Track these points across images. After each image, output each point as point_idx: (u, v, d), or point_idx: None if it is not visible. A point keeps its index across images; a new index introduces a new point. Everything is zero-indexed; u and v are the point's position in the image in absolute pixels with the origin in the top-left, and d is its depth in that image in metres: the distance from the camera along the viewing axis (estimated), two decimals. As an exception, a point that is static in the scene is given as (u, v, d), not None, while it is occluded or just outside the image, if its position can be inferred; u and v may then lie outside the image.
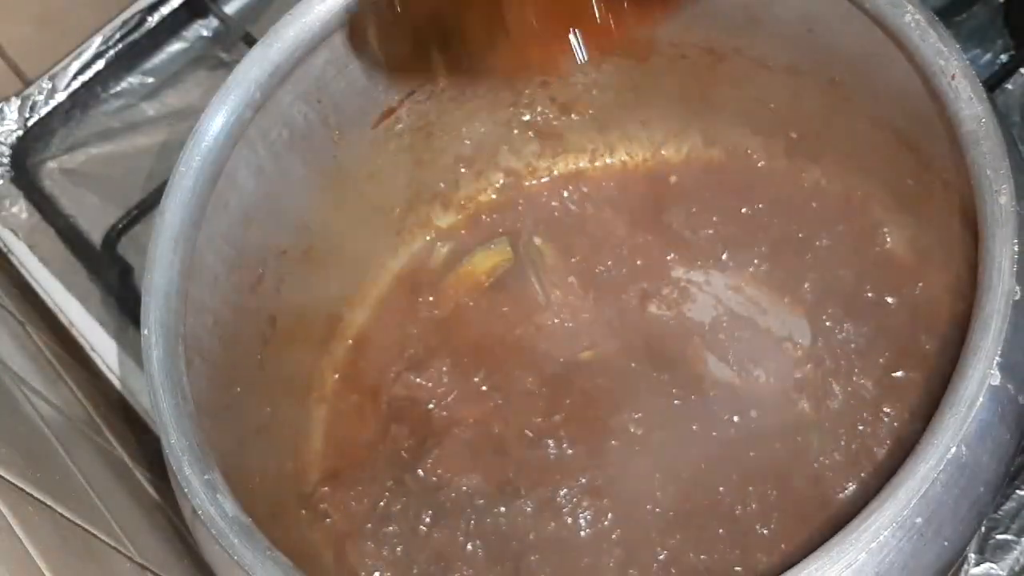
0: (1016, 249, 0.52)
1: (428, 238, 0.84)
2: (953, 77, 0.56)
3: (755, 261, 0.77)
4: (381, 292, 0.83)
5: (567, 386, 0.76)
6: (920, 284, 0.73)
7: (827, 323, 0.73)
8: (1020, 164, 0.56)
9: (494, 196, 0.85)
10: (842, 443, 0.70)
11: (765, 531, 0.68)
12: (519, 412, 0.75)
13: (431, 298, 0.81)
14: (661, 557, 0.69)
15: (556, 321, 0.79)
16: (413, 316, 0.81)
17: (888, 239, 0.75)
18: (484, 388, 0.76)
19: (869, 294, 0.74)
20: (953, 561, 0.53)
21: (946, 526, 0.51)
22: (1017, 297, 0.52)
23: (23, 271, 0.93)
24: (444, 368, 0.77)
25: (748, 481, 0.69)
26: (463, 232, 0.84)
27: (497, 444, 0.74)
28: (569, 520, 0.71)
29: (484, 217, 0.84)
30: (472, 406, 0.76)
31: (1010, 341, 0.51)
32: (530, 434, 0.74)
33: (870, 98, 0.69)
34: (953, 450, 0.50)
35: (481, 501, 0.72)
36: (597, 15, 0.56)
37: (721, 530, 0.68)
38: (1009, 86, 0.83)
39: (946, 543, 0.51)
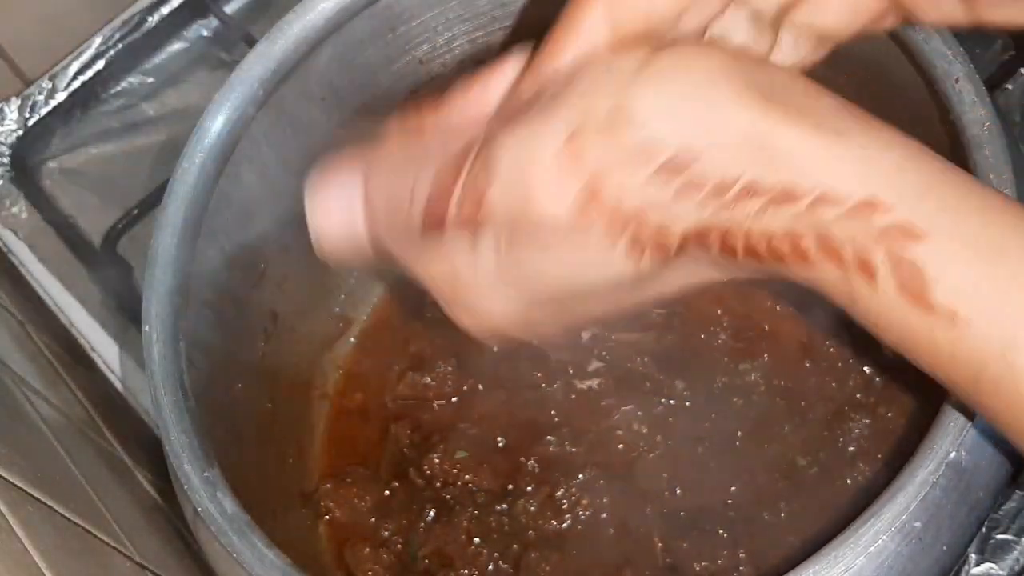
0: (1018, 253, 0.52)
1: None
2: (957, 80, 0.56)
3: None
4: (385, 289, 0.83)
5: (572, 383, 0.76)
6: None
7: (825, 325, 0.73)
8: (1022, 168, 0.56)
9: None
10: (840, 445, 0.70)
11: (766, 537, 0.68)
12: (523, 409, 0.75)
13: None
14: (661, 563, 0.69)
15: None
16: (418, 313, 0.81)
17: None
18: (488, 386, 0.76)
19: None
20: (952, 565, 0.53)
21: (945, 531, 0.51)
22: (1019, 301, 0.52)
23: (23, 271, 0.93)
24: (449, 368, 0.77)
25: (751, 482, 0.70)
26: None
27: (500, 441, 0.74)
28: (569, 518, 0.71)
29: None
30: (476, 404, 0.76)
31: (1011, 344, 0.51)
32: (533, 431, 0.74)
33: (873, 101, 0.68)
34: (952, 454, 0.50)
35: (483, 499, 0.72)
36: None
37: (723, 532, 0.68)
38: (1009, 86, 0.83)
39: (945, 547, 0.51)
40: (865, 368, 0.72)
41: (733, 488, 0.70)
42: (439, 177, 0.45)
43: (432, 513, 0.72)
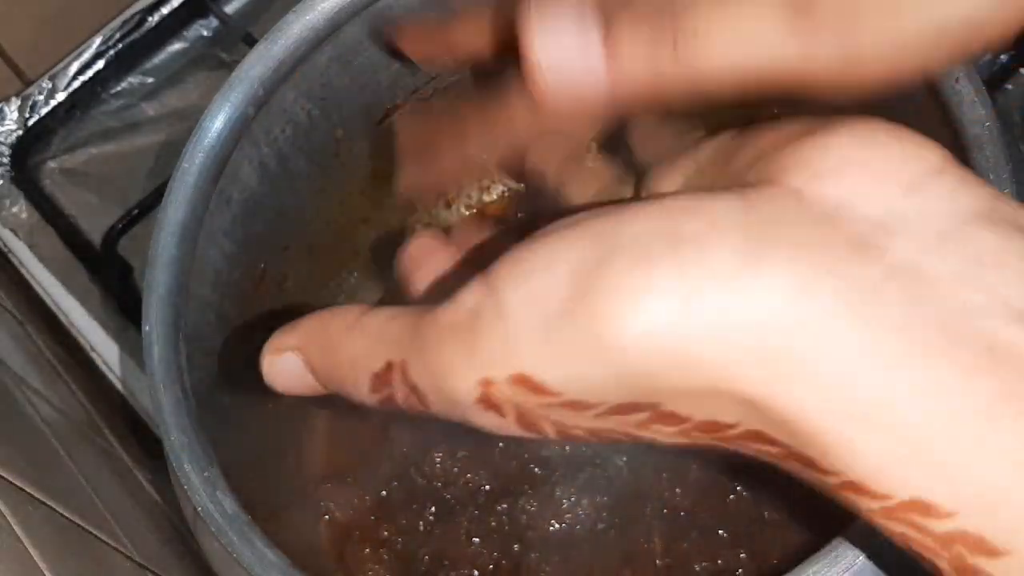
0: (1018, 253, 0.53)
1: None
2: (957, 80, 0.56)
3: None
4: (385, 290, 0.83)
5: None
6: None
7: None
8: (1022, 168, 0.56)
9: (497, 196, 0.85)
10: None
11: (767, 537, 0.68)
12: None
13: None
14: (661, 563, 0.69)
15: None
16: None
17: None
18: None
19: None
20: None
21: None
22: (1019, 300, 0.52)
23: (23, 271, 0.93)
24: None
25: (753, 482, 0.70)
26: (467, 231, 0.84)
27: (501, 441, 0.74)
28: (569, 518, 0.71)
29: (488, 217, 0.84)
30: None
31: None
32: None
33: (872, 101, 0.69)
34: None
35: (483, 499, 0.72)
36: None
37: (723, 532, 0.68)
38: (1009, 86, 0.83)
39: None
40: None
41: (737, 487, 0.70)
42: None
43: (433, 513, 0.72)
